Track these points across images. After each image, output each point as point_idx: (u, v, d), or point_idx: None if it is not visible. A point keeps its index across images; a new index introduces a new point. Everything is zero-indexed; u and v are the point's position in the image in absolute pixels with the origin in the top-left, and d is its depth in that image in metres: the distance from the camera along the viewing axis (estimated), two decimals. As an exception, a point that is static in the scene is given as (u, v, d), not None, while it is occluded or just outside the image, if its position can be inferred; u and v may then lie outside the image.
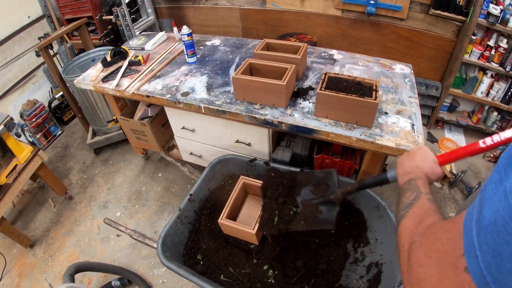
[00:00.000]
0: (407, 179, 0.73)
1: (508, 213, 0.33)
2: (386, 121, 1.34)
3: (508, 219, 0.33)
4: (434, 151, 0.74)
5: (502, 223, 0.34)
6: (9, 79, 2.83)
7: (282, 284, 1.23)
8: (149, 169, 2.54)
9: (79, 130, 3.08)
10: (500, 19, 2.04)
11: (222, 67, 1.82)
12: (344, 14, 2.52)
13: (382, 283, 1.11)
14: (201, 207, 1.49)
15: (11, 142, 1.91)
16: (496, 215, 0.35)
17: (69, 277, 1.48)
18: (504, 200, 0.34)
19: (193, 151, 1.98)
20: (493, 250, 0.34)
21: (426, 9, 2.26)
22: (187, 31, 1.74)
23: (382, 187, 2.18)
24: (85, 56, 2.57)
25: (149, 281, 1.82)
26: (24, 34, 2.91)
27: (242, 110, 1.48)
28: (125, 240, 2.04)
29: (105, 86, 1.78)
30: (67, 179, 2.57)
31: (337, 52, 1.87)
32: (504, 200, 0.34)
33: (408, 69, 1.69)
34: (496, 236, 0.34)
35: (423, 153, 0.79)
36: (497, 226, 0.34)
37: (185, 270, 1.17)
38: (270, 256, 1.30)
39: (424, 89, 2.51)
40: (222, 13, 2.97)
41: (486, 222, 0.36)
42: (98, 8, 2.78)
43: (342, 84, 1.35)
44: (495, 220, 0.35)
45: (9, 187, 1.85)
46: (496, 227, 0.34)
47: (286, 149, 1.68)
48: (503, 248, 0.33)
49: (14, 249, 2.11)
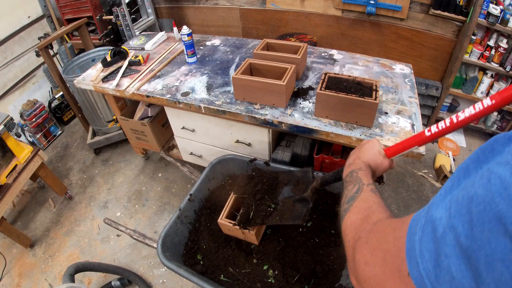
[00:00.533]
0: (349, 171, 0.72)
1: (448, 224, 0.32)
2: (386, 121, 1.34)
3: (448, 230, 0.31)
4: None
5: (442, 233, 0.32)
6: (9, 79, 2.83)
7: (282, 284, 1.23)
8: (149, 169, 2.54)
9: (79, 130, 3.08)
10: (500, 19, 2.04)
11: (222, 67, 1.82)
12: (344, 14, 2.52)
13: (382, 283, 1.11)
14: (201, 207, 1.49)
15: (11, 142, 1.91)
16: (438, 224, 0.33)
17: (69, 277, 1.48)
18: (447, 211, 0.33)
19: (193, 151, 1.98)
20: (434, 260, 0.33)
21: (426, 9, 2.26)
22: (187, 31, 1.74)
23: (382, 187, 2.18)
24: (85, 56, 2.57)
25: (149, 281, 1.82)
26: (24, 34, 2.91)
27: (242, 110, 1.48)
28: (125, 240, 2.04)
29: (105, 86, 1.78)
30: (67, 179, 2.57)
31: (337, 52, 1.87)
32: (447, 211, 0.33)
33: (408, 69, 1.69)
34: (436, 245, 0.32)
35: (369, 144, 0.78)
36: (437, 235, 0.33)
37: (185, 270, 1.17)
38: (270, 256, 1.30)
39: (424, 89, 2.51)
40: (222, 13, 2.97)
41: (428, 229, 0.34)
42: (98, 8, 2.78)
43: (342, 84, 1.35)
44: (437, 229, 0.33)
45: (9, 187, 1.85)
46: (436, 236, 0.33)
47: (286, 149, 1.68)
48: (441, 259, 0.32)
49: (14, 249, 2.11)
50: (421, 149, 1.21)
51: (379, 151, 0.76)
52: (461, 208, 0.31)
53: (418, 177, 2.30)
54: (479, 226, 0.29)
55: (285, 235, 1.37)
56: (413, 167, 2.37)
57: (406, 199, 2.15)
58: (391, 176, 2.30)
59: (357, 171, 0.70)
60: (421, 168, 2.37)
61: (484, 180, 0.30)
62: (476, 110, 0.51)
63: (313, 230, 1.37)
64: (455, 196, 0.33)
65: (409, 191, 2.20)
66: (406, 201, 2.13)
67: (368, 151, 0.76)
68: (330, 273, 1.27)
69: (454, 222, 0.31)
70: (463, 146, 2.56)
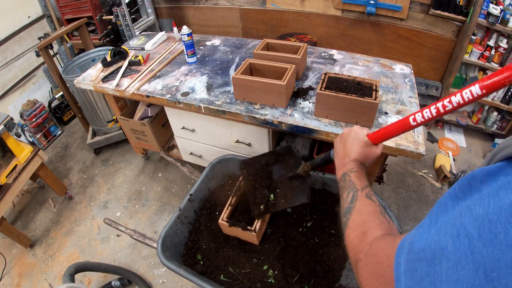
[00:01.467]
0: (342, 174, 0.71)
1: (425, 266, 0.35)
2: (386, 121, 1.34)
3: (425, 275, 0.34)
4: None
5: (420, 275, 0.35)
6: (9, 79, 2.83)
7: (282, 284, 1.23)
8: (149, 169, 2.54)
9: (79, 130, 3.08)
10: (500, 19, 2.04)
11: (222, 67, 1.82)
12: (344, 14, 2.52)
13: (382, 283, 1.11)
14: (201, 207, 1.49)
15: (11, 142, 1.91)
16: (418, 264, 0.36)
17: (69, 277, 1.48)
18: (409, 253, 0.38)
19: (193, 151, 1.98)
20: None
21: (426, 9, 2.26)
22: (187, 31, 1.74)
23: (382, 187, 2.18)
24: (85, 56, 2.57)
25: (149, 281, 1.82)
26: (24, 34, 2.91)
27: (242, 110, 1.48)
28: (125, 240, 2.04)
29: (105, 86, 1.78)
30: (67, 179, 2.57)
31: (337, 52, 1.87)
32: (409, 252, 0.38)
33: (408, 69, 1.69)
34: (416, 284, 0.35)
35: (351, 136, 0.75)
36: (416, 276, 0.35)
37: (185, 270, 1.17)
38: (270, 256, 1.30)
39: (424, 89, 2.51)
40: (222, 13, 2.97)
41: (411, 266, 0.37)
42: (98, 8, 2.79)
43: (342, 84, 1.35)
44: (416, 269, 0.36)
45: (9, 187, 1.85)
46: (414, 277, 0.36)
47: (286, 149, 1.68)
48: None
49: (14, 249, 2.11)
50: (421, 149, 1.21)
51: (365, 141, 0.73)
52: (434, 254, 0.34)
53: (418, 177, 2.30)
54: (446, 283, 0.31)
55: (285, 235, 1.37)
56: (413, 167, 2.37)
57: (406, 199, 2.15)
58: (391, 176, 2.30)
59: (349, 174, 0.69)
60: (421, 168, 2.37)
61: (454, 231, 0.32)
62: (465, 100, 0.50)
63: (313, 230, 1.37)
64: (431, 237, 0.35)
65: (409, 191, 2.20)
66: (406, 201, 2.13)
67: (354, 145, 0.74)
68: (330, 273, 1.27)
69: (429, 270, 0.34)
70: (463, 146, 2.56)
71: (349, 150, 0.74)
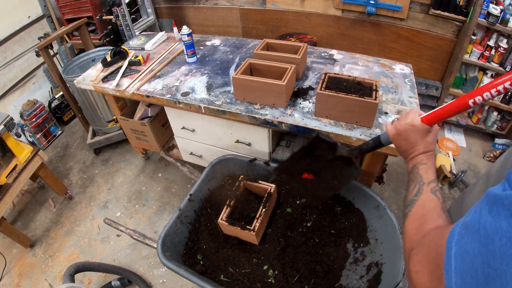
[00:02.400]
0: (411, 166, 0.72)
1: (476, 253, 0.38)
2: (386, 121, 1.34)
3: (475, 259, 0.38)
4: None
5: (470, 263, 0.38)
6: (9, 79, 2.83)
7: (282, 284, 1.23)
8: (149, 169, 2.54)
9: (79, 130, 3.08)
10: (500, 19, 2.04)
11: (222, 67, 1.82)
12: (344, 14, 2.52)
13: (382, 283, 1.11)
14: (201, 207, 1.49)
15: (11, 142, 1.91)
16: (466, 255, 0.39)
17: (69, 277, 1.48)
18: (475, 242, 0.39)
19: (193, 151, 1.98)
20: (461, 279, 0.39)
21: (426, 9, 2.26)
22: (187, 31, 1.74)
23: (382, 187, 2.18)
24: (85, 56, 2.57)
25: (149, 281, 1.82)
26: (24, 34, 2.91)
27: (242, 110, 1.48)
28: (125, 240, 2.04)
29: (105, 86, 1.78)
30: (67, 179, 2.57)
31: (337, 52, 1.87)
32: (475, 242, 0.39)
33: (408, 69, 1.69)
34: (465, 270, 0.39)
35: (413, 130, 0.73)
36: (465, 266, 0.39)
37: (185, 270, 1.17)
38: (270, 256, 1.30)
39: (424, 89, 2.51)
40: (222, 13, 2.97)
41: (459, 257, 0.41)
42: (98, 8, 2.78)
43: (342, 84, 1.35)
44: (465, 259, 0.39)
45: (9, 187, 1.85)
46: (464, 266, 0.39)
47: (286, 149, 1.68)
48: (467, 281, 0.38)
49: (14, 249, 2.11)
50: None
51: (425, 129, 0.72)
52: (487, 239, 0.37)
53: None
54: (499, 259, 0.34)
55: (285, 235, 1.37)
56: (413, 167, 2.37)
57: (406, 199, 2.15)
58: (391, 176, 2.30)
59: (418, 166, 0.70)
60: (421, 168, 2.36)
61: (508, 212, 0.36)
62: None
63: (313, 230, 1.37)
64: (483, 219, 0.39)
65: (409, 191, 2.20)
66: (406, 201, 2.13)
67: (418, 138, 0.72)
68: (330, 273, 1.27)
69: (482, 250, 0.37)
70: (463, 146, 2.56)
71: (415, 144, 0.73)
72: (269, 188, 1.42)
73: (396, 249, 1.13)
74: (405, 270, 0.56)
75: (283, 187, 1.27)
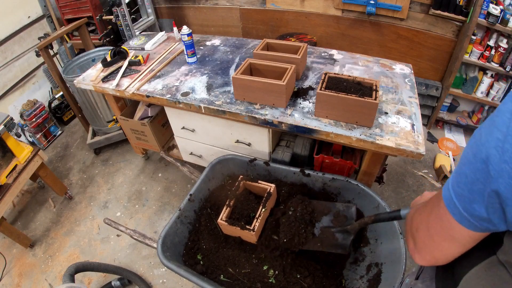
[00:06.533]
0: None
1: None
2: (386, 121, 1.34)
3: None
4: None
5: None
6: (9, 79, 2.83)
7: (282, 284, 1.23)
8: (149, 169, 2.54)
9: (79, 130, 3.08)
10: (500, 19, 2.04)
11: (222, 67, 1.82)
12: (344, 14, 2.52)
13: (382, 283, 1.11)
14: (201, 207, 1.49)
15: (11, 142, 1.91)
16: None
17: (69, 277, 1.48)
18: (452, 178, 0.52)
19: (193, 151, 1.98)
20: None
21: (426, 9, 2.26)
22: (187, 31, 1.74)
23: (382, 187, 2.18)
24: (85, 56, 2.57)
25: (149, 281, 1.82)
26: (24, 34, 2.91)
27: (242, 110, 1.48)
28: (125, 240, 2.04)
29: (105, 86, 1.78)
30: (67, 179, 2.57)
31: (337, 52, 1.87)
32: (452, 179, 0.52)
33: (408, 69, 1.69)
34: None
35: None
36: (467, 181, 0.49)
37: (185, 270, 1.17)
38: (270, 256, 1.30)
39: (424, 89, 2.51)
40: (222, 13, 2.97)
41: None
42: (98, 8, 2.78)
43: (342, 84, 1.35)
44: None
45: (9, 187, 1.85)
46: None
47: (286, 149, 1.68)
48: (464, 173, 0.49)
49: (14, 249, 2.11)
50: (421, 149, 1.21)
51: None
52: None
53: (418, 177, 2.30)
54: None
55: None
56: (413, 167, 2.37)
57: (406, 199, 2.15)
58: (391, 176, 2.30)
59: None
60: (421, 168, 2.37)
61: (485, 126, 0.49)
62: None
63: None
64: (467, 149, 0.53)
65: (409, 191, 2.20)
66: (406, 201, 2.13)
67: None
68: (330, 273, 1.27)
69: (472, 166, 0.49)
70: (463, 146, 2.56)
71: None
72: (268, 188, 1.42)
73: (396, 249, 1.13)
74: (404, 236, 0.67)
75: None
